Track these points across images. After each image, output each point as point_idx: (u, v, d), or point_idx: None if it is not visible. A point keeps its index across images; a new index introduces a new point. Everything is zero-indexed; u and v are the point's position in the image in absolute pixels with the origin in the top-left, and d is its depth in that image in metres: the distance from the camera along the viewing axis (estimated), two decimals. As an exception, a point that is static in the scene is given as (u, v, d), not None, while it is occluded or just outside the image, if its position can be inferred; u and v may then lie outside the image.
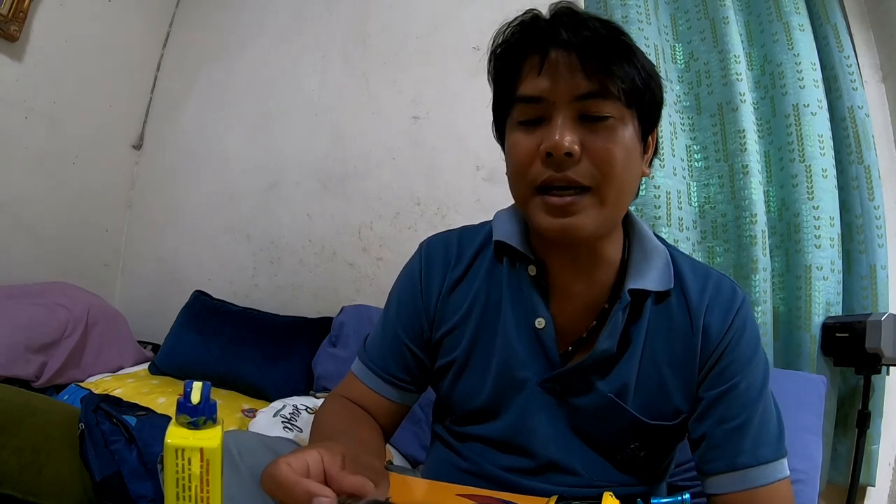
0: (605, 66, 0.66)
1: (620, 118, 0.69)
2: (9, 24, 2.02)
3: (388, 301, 0.89)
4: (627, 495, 0.71)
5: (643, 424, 0.76)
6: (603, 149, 0.67)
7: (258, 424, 1.50)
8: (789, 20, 1.61)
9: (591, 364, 0.75)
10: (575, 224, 0.68)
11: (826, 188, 1.52)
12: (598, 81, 0.67)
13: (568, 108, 0.68)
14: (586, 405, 0.77)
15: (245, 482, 0.73)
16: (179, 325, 2.08)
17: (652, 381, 0.76)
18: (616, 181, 0.68)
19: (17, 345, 1.67)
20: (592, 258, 0.77)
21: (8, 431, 1.10)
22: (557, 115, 0.68)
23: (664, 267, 0.78)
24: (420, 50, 2.19)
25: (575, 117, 0.68)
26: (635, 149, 0.72)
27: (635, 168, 0.73)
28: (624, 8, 1.68)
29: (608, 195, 0.68)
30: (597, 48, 0.67)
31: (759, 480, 0.71)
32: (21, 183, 2.17)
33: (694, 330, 0.76)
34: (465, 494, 0.64)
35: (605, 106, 0.68)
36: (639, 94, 0.70)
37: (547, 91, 0.68)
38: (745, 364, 0.75)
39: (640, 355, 0.76)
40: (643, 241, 0.80)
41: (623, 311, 0.74)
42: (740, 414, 0.73)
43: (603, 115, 0.68)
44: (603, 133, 0.68)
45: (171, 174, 2.62)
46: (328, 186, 2.27)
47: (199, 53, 2.67)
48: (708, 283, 0.78)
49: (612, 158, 0.67)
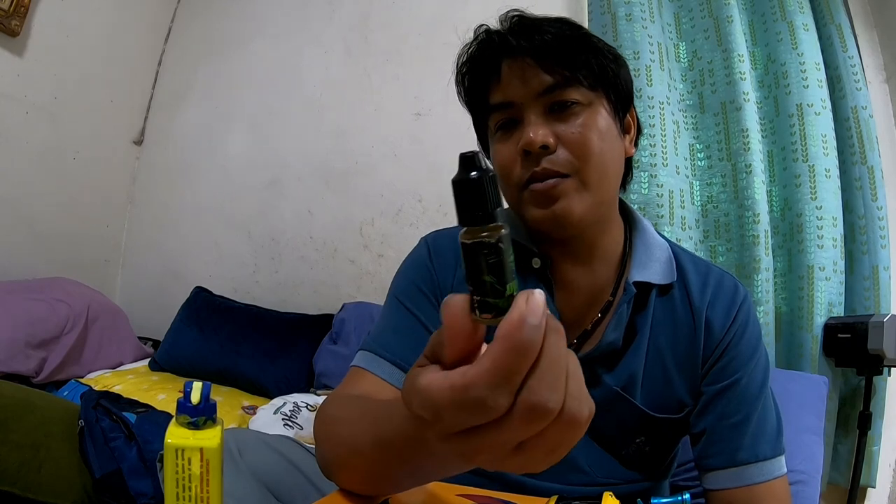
0: (559, 58, 0.70)
1: (588, 103, 0.71)
2: (10, 20, 2.02)
3: (397, 291, 0.84)
4: (629, 494, 0.71)
5: (649, 418, 0.76)
6: (576, 134, 0.69)
7: (258, 421, 1.50)
8: (793, 20, 1.61)
9: (597, 356, 0.76)
10: (563, 209, 0.69)
11: (829, 188, 1.52)
12: (557, 73, 0.70)
13: (535, 105, 0.71)
14: (594, 399, 0.77)
15: (245, 479, 0.73)
16: (180, 322, 2.08)
17: (657, 375, 0.77)
18: (595, 163, 0.70)
19: (17, 340, 1.67)
20: (590, 250, 0.77)
21: (7, 427, 1.10)
22: (528, 113, 0.71)
23: (667, 260, 0.79)
24: (422, 46, 2.19)
25: (544, 112, 0.71)
26: (611, 130, 0.73)
27: (615, 148, 0.74)
28: (627, 6, 1.67)
29: (590, 178, 0.70)
30: (548, 45, 0.70)
31: (757, 477, 0.72)
32: (22, 178, 2.17)
33: (696, 324, 0.76)
34: (466, 494, 0.64)
35: (571, 93, 0.70)
36: (601, 75, 0.72)
37: (512, 94, 0.72)
38: (746, 361, 0.75)
39: (645, 348, 0.76)
40: (644, 235, 0.81)
41: (628, 303, 0.75)
42: (740, 410, 0.74)
43: (570, 101, 0.70)
44: (573, 120, 0.70)
45: (172, 170, 2.62)
46: (329, 183, 2.27)
47: (201, 49, 2.67)
48: (710, 279, 0.79)
49: (586, 142, 0.69)
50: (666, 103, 1.63)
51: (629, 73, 0.78)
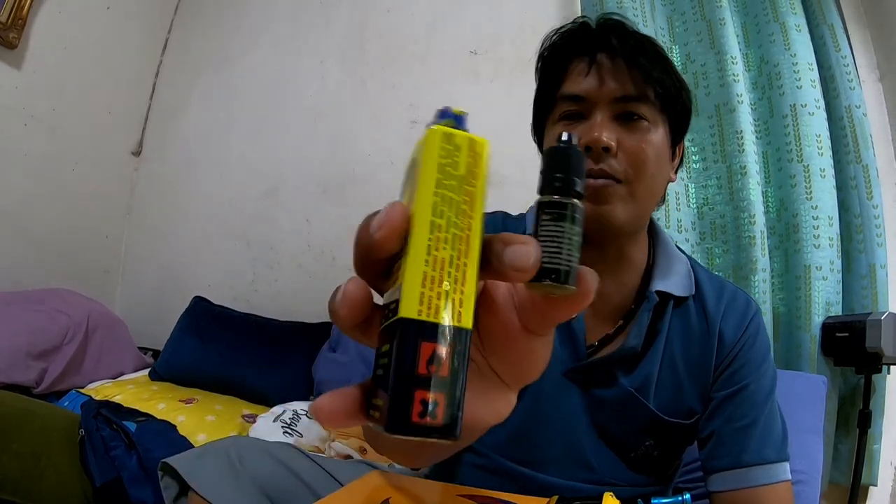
0: (646, 72, 0.73)
1: (654, 122, 0.74)
2: (8, 32, 2.03)
3: None
4: (634, 495, 0.72)
5: (660, 421, 0.78)
6: (637, 147, 0.72)
7: (258, 429, 1.50)
8: (786, 20, 1.62)
9: (617, 358, 0.78)
10: (608, 212, 0.71)
11: (824, 188, 1.52)
12: (638, 85, 0.72)
13: (607, 108, 0.73)
14: (608, 398, 0.79)
15: (245, 487, 0.74)
16: (179, 331, 2.08)
17: (670, 381, 0.79)
18: (647, 178, 0.73)
19: (17, 351, 1.67)
20: (620, 258, 0.80)
21: (9, 437, 1.10)
22: (597, 112, 0.73)
23: (686, 274, 0.82)
24: (418, 54, 2.20)
25: (612, 117, 0.73)
26: (665, 152, 0.76)
27: (664, 170, 0.77)
28: (620, 10, 1.68)
29: (638, 190, 0.72)
30: (640, 55, 0.73)
31: (761, 479, 0.73)
32: (21, 190, 2.18)
33: (710, 335, 0.79)
34: (466, 494, 0.64)
35: (641, 108, 0.73)
36: (671, 100, 0.76)
37: (590, 90, 0.73)
38: (755, 368, 0.78)
39: (661, 355, 0.79)
40: (666, 248, 0.84)
41: (649, 311, 0.77)
42: (747, 414, 0.76)
43: (637, 114, 0.73)
44: (637, 133, 0.73)
45: (170, 180, 2.63)
46: (327, 191, 2.27)
47: (198, 60, 2.68)
48: (724, 294, 0.82)
49: (644, 156, 0.72)
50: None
51: (691, 105, 0.81)
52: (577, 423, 0.80)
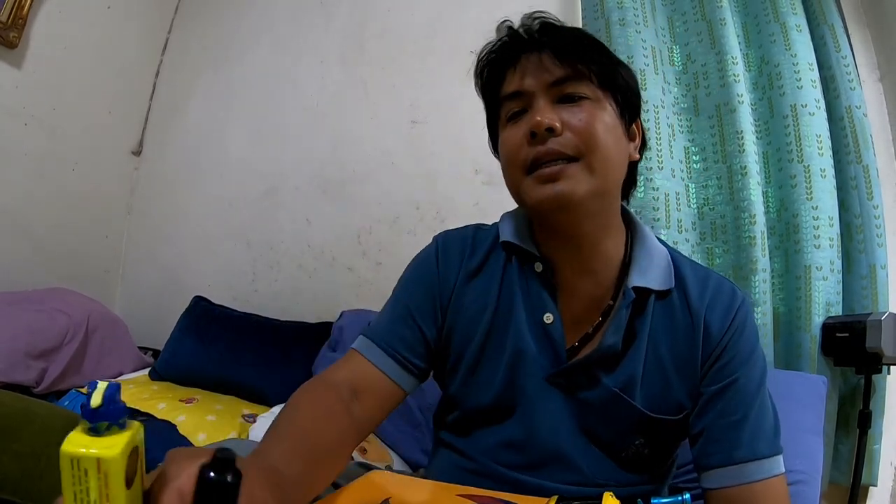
0: (573, 53, 0.74)
1: (596, 98, 0.75)
2: (8, 31, 2.03)
3: (399, 285, 0.89)
4: (629, 495, 0.71)
5: (648, 419, 0.77)
6: (583, 121, 0.73)
7: (258, 429, 1.49)
8: (786, 21, 1.62)
9: (596, 358, 0.77)
10: (566, 189, 0.71)
11: (825, 188, 1.52)
12: (569, 66, 0.74)
13: (545, 95, 0.75)
14: (593, 399, 0.78)
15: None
16: (180, 331, 2.07)
17: (656, 377, 0.78)
18: (600, 150, 0.72)
19: (17, 351, 1.67)
20: (593, 253, 0.79)
21: (8, 437, 1.09)
22: (537, 101, 0.75)
23: (666, 266, 0.80)
24: (417, 54, 2.20)
25: (553, 101, 0.75)
26: (616, 127, 0.76)
27: (621, 145, 0.77)
28: (621, 10, 1.68)
29: (594, 162, 0.72)
30: (565, 42, 0.75)
31: (755, 475, 0.72)
32: (21, 189, 2.18)
33: (695, 328, 0.78)
34: (466, 494, 0.64)
35: (581, 88, 0.74)
36: (610, 75, 0.76)
37: (524, 84, 0.76)
38: (744, 361, 0.77)
39: (644, 351, 0.78)
40: (644, 241, 0.82)
41: (627, 307, 0.76)
42: (738, 409, 0.75)
43: (578, 94, 0.74)
44: (580, 110, 0.74)
45: (170, 180, 2.63)
46: (327, 191, 2.27)
47: (198, 60, 2.68)
48: (708, 284, 0.80)
49: (592, 129, 0.72)
50: (661, 107, 1.64)
51: (637, 86, 0.82)
52: (563, 429, 0.79)
